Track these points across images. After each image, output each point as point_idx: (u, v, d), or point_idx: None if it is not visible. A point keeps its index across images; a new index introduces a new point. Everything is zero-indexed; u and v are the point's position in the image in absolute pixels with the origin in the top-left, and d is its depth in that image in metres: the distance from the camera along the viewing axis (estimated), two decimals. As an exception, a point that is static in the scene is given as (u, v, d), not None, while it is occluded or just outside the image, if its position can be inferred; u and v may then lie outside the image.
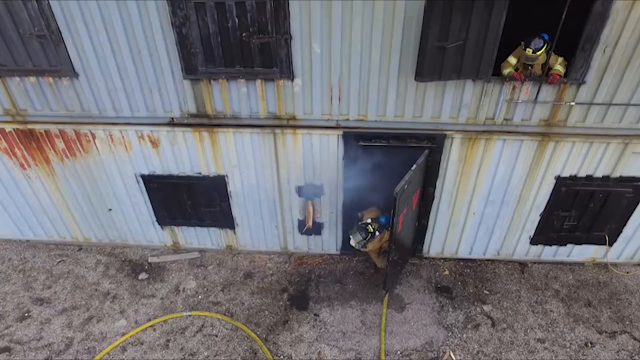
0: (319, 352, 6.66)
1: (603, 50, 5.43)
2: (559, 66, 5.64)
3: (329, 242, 7.80)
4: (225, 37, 5.64)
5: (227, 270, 7.90)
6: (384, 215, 7.06)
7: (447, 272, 7.78)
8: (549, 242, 7.53)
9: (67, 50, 5.86)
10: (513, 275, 7.75)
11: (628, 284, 7.58)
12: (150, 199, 7.45)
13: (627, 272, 7.73)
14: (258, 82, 5.98)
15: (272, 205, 7.31)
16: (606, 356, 6.58)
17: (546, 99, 5.88)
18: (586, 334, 6.87)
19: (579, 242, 7.50)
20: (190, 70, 5.94)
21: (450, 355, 6.62)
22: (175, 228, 7.92)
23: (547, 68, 5.65)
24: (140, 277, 7.83)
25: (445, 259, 7.96)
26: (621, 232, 7.28)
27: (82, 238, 8.28)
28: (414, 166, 6.06)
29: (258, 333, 6.92)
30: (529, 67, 5.73)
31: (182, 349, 6.75)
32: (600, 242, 7.44)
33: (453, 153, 6.46)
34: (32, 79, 6.19)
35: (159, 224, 7.85)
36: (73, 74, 6.07)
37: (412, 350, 6.70)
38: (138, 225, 7.90)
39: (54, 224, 8.09)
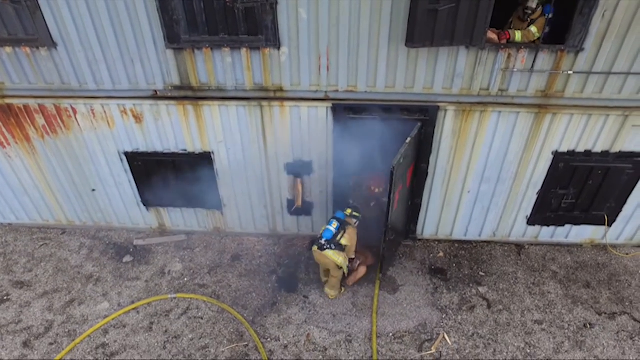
0: (308, 334, 6.42)
1: (602, 15, 5.21)
2: (534, 27, 5.61)
3: (319, 224, 7.55)
4: (209, 3, 5.41)
5: (214, 253, 7.66)
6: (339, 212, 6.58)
7: (441, 254, 7.55)
8: (546, 223, 7.30)
9: (44, 18, 5.62)
10: (510, 257, 7.51)
11: (628, 265, 7.35)
12: (134, 178, 7.21)
13: (627, 254, 7.51)
14: (243, 51, 5.74)
15: (260, 183, 7.07)
16: (605, 337, 6.34)
17: (543, 68, 5.66)
18: (585, 315, 6.63)
19: (577, 223, 7.28)
20: (172, 38, 5.70)
21: (444, 337, 6.38)
22: (161, 209, 7.68)
23: (527, 25, 5.73)
24: (124, 260, 7.58)
25: (439, 241, 7.73)
26: (621, 211, 7.07)
27: (66, 221, 8.03)
28: (409, 139, 5.83)
29: (245, 315, 6.68)
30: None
31: (166, 331, 6.51)
32: (599, 222, 7.22)
33: (447, 126, 6.23)
34: (9, 49, 5.95)
35: (145, 205, 7.60)
36: (51, 43, 5.83)
37: (405, 332, 6.46)
38: (123, 206, 7.65)
39: (36, 207, 7.85)
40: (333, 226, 6.31)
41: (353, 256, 6.59)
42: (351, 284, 6.98)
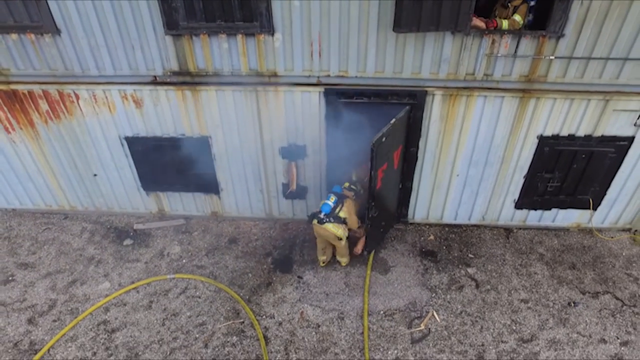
0: (302, 311, 6.65)
1: (581, 1, 5.45)
2: (517, 15, 5.83)
3: (313, 208, 7.75)
4: (206, -10, 5.67)
5: (211, 236, 7.91)
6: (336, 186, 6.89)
7: (432, 237, 7.79)
8: (533, 206, 7.53)
9: (48, 5, 5.88)
10: (498, 240, 7.75)
11: (612, 248, 7.58)
12: (134, 163, 7.45)
13: (612, 237, 7.74)
14: (239, 37, 5.99)
15: (256, 168, 7.31)
16: (588, 314, 6.57)
17: (526, 53, 5.90)
18: (570, 295, 6.86)
19: (563, 206, 7.51)
20: (171, 25, 5.96)
21: (433, 315, 6.61)
22: (161, 194, 7.92)
23: (511, 12, 5.92)
24: (125, 243, 7.83)
25: (430, 225, 7.97)
26: (605, 194, 7.29)
27: (68, 206, 8.27)
28: (393, 120, 6.07)
29: (241, 294, 6.92)
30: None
31: (164, 309, 6.74)
32: (584, 206, 7.44)
33: (434, 110, 6.47)
34: (14, 36, 6.20)
35: (144, 190, 7.85)
36: (55, 30, 6.09)
37: (396, 310, 6.69)
38: (123, 191, 7.90)
39: (39, 192, 8.09)
40: (331, 200, 6.58)
41: (356, 227, 6.82)
42: (360, 251, 7.26)
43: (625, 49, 5.77)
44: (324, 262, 7.21)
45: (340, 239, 6.68)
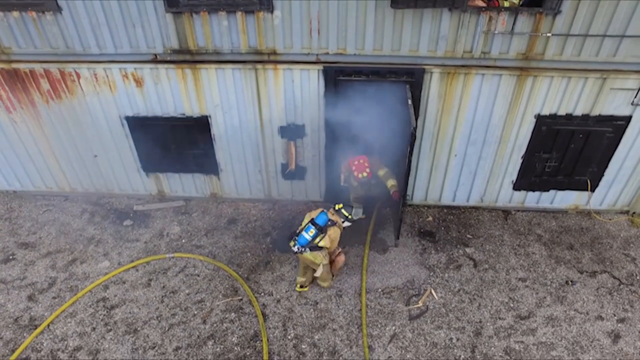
0: (300, 289, 6.70)
1: (577, -23, 5.51)
2: None
3: (312, 189, 7.84)
4: (206, -34, 5.73)
5: (211, 217, 7.95)
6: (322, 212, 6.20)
7: (430, 218, 7.82)
8: (531, 187, 7.56)
9: (49, -18, 5.95)
10: (496, 222, 7.78)
11: (610, 229, 7.61)
12: (134, 144, 7.50)
13: (610, 219, 7.76)
14: (239, 14, 6.04)
15: (255, 147, 7.35)
16: (586, 293, 6.60)
17: (523, 30, 5.94)
18: (567, 274, 6.89)
19: (561, 188, 7.53)
20: (172, 2, 6.00)
21: (431, 292, 6.64)
22: (161, 175, 7.96)
23: None
24: (125, 223, 7.87)
25: (428, 206, 8.00)
26: (603, 175, 7.31)
27: (69, 188, 8.32)
28: (409, 101, 6.09)
29: (240, 273, 6.95)
30: None
31: (163, 287, 6.79)
32: (582, 187, 7.47)
33: (433, 89, 6.51)
34: (16, 13, 6.25)
35: (144, 171, 7.89)
36: (56, 8, 6.13)
37: (394, 287, 6.72)
38: (124, 172, 7.94)
39: (40, 173, 8.14)
40: (309, 234, 6.00)
41: (332, 250, 6.30)
42: (337, 269, 6.66)
43: (622, 26, 5.80)
44: (301, 287, 6.57)
45: (318, 265, 6.14)
